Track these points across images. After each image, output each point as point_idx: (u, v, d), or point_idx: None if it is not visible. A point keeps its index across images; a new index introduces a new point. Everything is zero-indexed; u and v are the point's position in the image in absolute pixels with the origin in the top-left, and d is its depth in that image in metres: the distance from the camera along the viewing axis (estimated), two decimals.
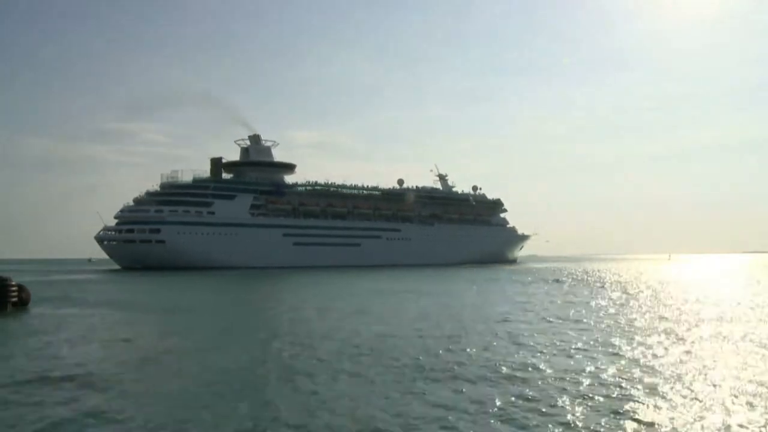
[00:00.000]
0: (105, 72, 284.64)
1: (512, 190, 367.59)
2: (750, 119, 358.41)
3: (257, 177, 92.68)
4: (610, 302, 28.27)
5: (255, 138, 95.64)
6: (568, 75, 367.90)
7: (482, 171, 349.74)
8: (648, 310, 24.13)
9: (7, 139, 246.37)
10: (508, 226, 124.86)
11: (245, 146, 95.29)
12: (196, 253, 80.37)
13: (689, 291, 36.49)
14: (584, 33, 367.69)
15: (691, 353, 14.04)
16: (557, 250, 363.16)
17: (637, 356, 13.69)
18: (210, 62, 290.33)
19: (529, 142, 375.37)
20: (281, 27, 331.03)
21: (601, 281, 49.22)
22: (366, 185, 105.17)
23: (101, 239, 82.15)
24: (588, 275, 61.95)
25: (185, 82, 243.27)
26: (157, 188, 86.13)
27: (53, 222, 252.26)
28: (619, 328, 18.64)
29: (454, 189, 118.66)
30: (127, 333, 18.36)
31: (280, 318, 22.63)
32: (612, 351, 14.39)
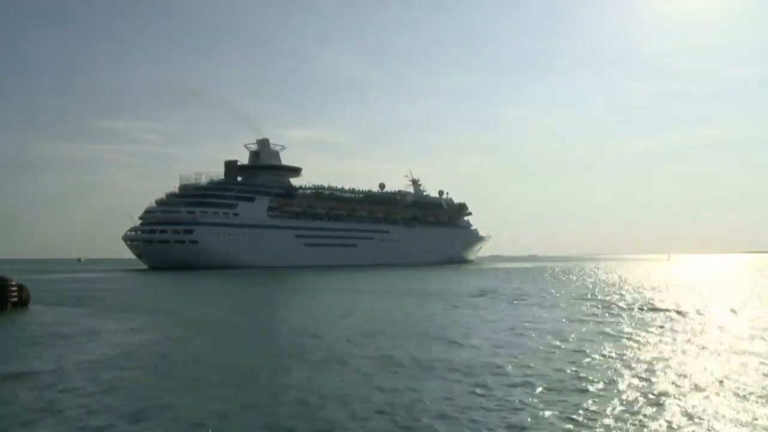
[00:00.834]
0: (86, 69, 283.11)
1: (503, 189, 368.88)
2: (749, 117, 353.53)
3: (268, 180, 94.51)
4: None
5: (264, 142, 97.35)
6: (564, 72, 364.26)
7: (476, 170, 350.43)
8: None
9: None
10: (472, 229, 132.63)
11: (254, 150, 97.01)
12: (225, 253, 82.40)
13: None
14: (576, 30, 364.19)
15: None
16: (560, 250, 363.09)
17: None
18: (197, 60, 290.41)
19: (521, 141, 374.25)
20: (266, 23, 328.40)
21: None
22: (360, 189, 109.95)
23: (131, 239, 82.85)
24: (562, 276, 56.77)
25: (173, 80, 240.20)
26: (176, 190, 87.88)
27: (36, 222, 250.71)
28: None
29: (426, 193, 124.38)
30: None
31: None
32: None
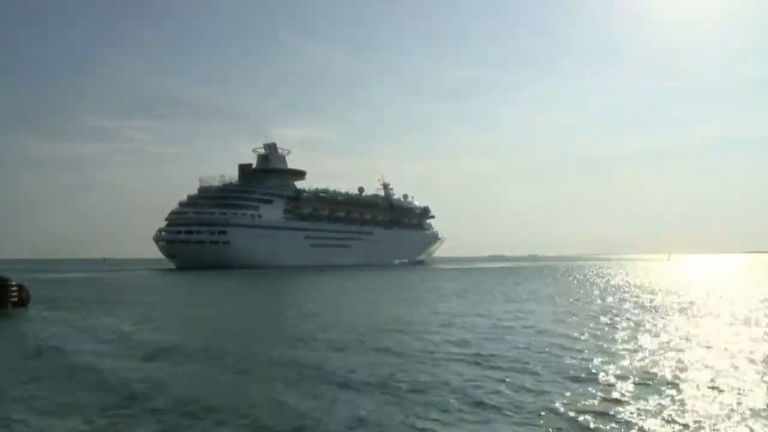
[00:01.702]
0: (80, 69, 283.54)
1: (501, 189, 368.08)
2: (749, 116, 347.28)
3: (278, 183, 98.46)
4: None
5: (272, 146, 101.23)
6: (563, 72, 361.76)
7: (470, 169, 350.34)
8: None
9: None
10: (434, 231, 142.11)
11: (263, 154, 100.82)
12: (251, 254, 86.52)
13: None
14: (573, 28, 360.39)
15: None
16: (560, 250, 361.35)
17: None
18: (187, 61, 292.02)
19: (518, 140, 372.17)
20: (257, 22, 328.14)
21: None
22: (349, 191, 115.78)
23: (166, 240, 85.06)
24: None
25: (164, 81, 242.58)
26: (184, 194, 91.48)
27: (38, 221, 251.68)
28: None
29: (395, 197, 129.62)
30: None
31: None
32: None
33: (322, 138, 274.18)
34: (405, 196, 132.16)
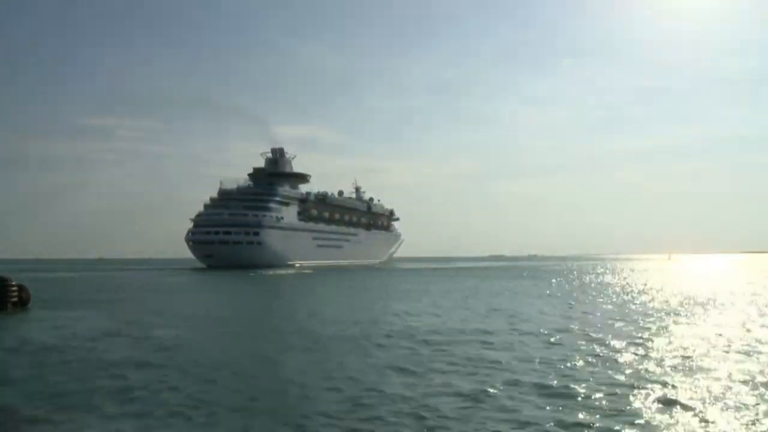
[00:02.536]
0: (73, 67, 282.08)
1: (494, 189, 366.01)
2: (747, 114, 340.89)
3: (288, 186, 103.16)
4: None
5: (280, 151, 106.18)
6: (562, 71, 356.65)
7: (465, 168, 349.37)
8: None
9: None
10: (398, 232, 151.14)
11: (271, 158, 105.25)
12: (278, 254, 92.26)
13: None
14: (571, 25, 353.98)
15: None
16: (560, 250, 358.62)
17: None
18: (180, 59, 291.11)
19: (516, 139, 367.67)
20: (246, 21, 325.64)
21: None
22: (333, 193, 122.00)
23: (203, 241, 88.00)
24: None
25: (155, 78, 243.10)
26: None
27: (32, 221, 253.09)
28: None
29: (365, 199, 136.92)
30: None
31: None
32: None
33: (314, 137, 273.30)
34: (371, 199, 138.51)
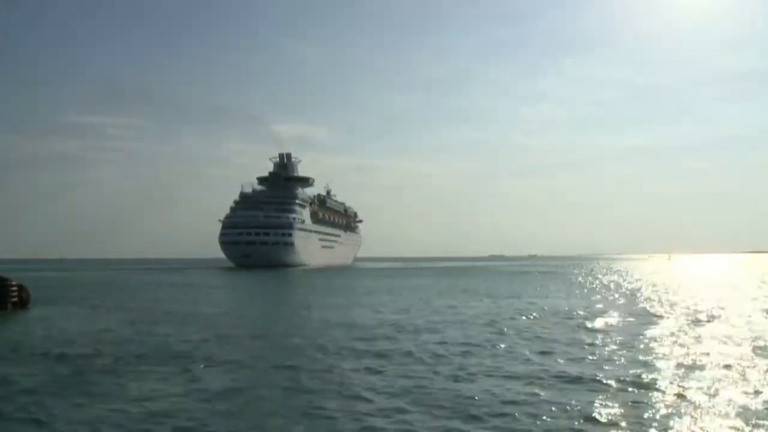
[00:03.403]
0: (63, 66, 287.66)
1: (493, 190, 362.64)
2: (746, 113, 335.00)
3: (297, 190, 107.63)
4: None
5: (287, 156, 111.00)
6: (556, 67, 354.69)
7: (462, 167, 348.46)
8: None
9: None
10: (362, 234, 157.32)
11: (279, 162, 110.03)
12: (301, 254, 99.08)
13: None
14: (569, 23, 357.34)
15: None
16: (560, 250, 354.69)
17: None
18: (172, 58, 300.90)
19: (512, 137, 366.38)
20: (238, 21, 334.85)
21: None
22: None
23: (239, 242, 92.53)
24: None
25: (149, 78, 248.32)
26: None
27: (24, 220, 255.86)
28: None
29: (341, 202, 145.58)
30: None
31: None
32: None
33: (309, 136, 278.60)
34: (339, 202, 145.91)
